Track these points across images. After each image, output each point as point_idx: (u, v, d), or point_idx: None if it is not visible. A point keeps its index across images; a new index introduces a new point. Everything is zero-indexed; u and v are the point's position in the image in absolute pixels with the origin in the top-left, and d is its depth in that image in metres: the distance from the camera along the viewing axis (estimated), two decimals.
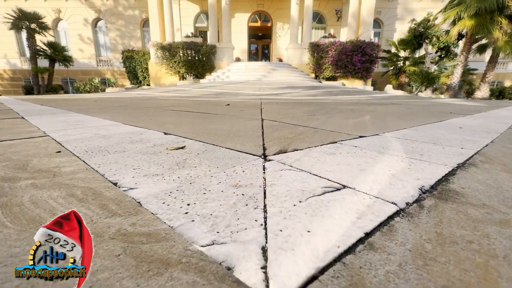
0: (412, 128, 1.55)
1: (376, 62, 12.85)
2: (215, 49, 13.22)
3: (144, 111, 2.02)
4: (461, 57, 12.07)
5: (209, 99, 2.76)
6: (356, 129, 1.51)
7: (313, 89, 7.26)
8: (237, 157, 1.00)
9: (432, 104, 2.65)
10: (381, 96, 6.31)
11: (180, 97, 4.06)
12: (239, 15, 16.45)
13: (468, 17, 10.84)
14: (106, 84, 17.11)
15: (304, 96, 4.80)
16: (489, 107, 2.50)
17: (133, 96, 3.99)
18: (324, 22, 16.82)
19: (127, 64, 14.74)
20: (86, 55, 18.95)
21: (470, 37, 11.54)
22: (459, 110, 1.94)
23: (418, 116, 1.94)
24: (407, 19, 17.00)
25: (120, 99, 2.77)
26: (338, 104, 2.18)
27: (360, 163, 0.94)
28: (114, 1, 18.00)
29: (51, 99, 3.22)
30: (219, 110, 1.85)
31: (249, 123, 1.59)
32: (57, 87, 14.03)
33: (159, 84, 13.92)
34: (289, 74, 11.97)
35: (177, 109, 2.01)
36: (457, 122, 1.69)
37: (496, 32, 10.68)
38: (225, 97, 4.07)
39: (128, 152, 1.07)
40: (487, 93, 12.61)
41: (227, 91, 6.28)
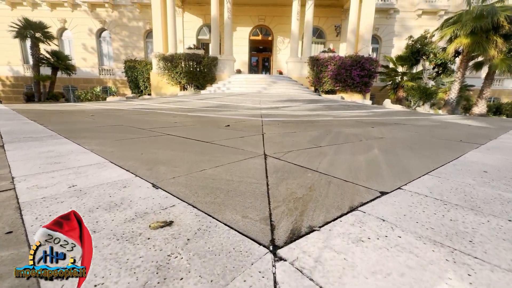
0: (434, 175, 1.30)
1: (374, 77, 13.05)
2: (216, 61, 13.43)
3: (138, 136, 1.77)
4: (458, 74, 12.27)
5: (208, 115, 2.71)
6: (372, 175, 1.26)
7: (313, 103, 7.31)
8: (238, 250, 0.72)
9: (436, 125, 2.58)
10: (381, 111, 6.35)
11: (179, 110, 4.05)
12: (240, 29, 16.84)
13: (464, 35, 11.10)
14: (107, 93, 17.23)
15: (304, 111, 4.81)
16: (496, 128, 2.42)
17: (132, 108, 3.97)
18: (324, 37, 17.21)
19: (129, 74, 14.90)
20: (89, 64, 19.19)
21: (466, 55, 11.77)
22: (467, 136, 1.81)
23: (429, 147, 1.75)
24: (405, 36, 17.44)
25: (118, 113, 2.67)
26: (341, 125, 2.10)
27: (402, 271, 0.67)
28: (119, 12, 18.44)
29: (47, 111, 3.15)
30: (218, 135, 1.64)
31: (251, 162, 1.36)
32: (58, 95, 14.09)
33: (160, 94, 14.02)
34: (289, 87, 12.10)
35: (173, 133, 1.80)
36: (476, 161, 1.44)
37: (492, 50, 10.90)
38: (225, 110, 4.07)
39: (99, 233, 0.80)
40: (485, 109, 12.75)
41: (227, 104, 6.31)
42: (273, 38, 17.14)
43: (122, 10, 18.36)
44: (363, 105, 8.31)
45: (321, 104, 7.11)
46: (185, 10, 17.00)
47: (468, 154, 1.62)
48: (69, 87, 19.26)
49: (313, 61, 12.81)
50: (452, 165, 1.48)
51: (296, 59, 13.73)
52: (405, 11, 17.52)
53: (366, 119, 3.06)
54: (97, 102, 7.83)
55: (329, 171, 1.29)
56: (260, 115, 2.85)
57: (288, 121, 2.22)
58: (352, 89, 12.97)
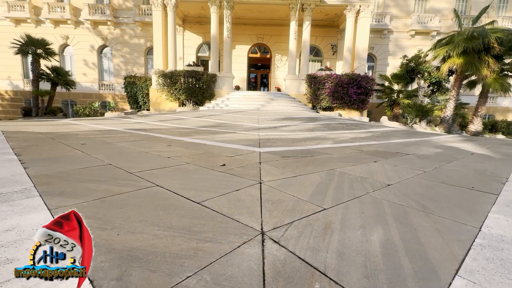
0: (465, 277, 0.99)
1: (371, 95, 13.26)
2: (215, 77, 13.62)
3: (123, 188, 1.37)
4: (452, 92, 12.49)
5: (205, 142, 2.60)
6: (392, 279, 0.95)
7: (311, 122, 7.32)
8: None
9: (438, 155, 2.48)
10: (380, 131, 6.35)
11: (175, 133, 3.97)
12: (239, 47, 17.25)
13: (456, 56, 11.39)
14: (106, 108, 17.27)
15: (303, 132, 4.78)
16: (501, 159, 2.28)
17: (127, 130, 3.88)
18: (321, 55, 17.65)
19: (128, 89, 15.02)
20: (89, 79, 19.38)
21: (460, 74, 12.05)
22: (476, 177, 1.52)
23: (443, 204, 1.45)
24: (399, 55, 17.95)
25: (110, 140, 2.49)
26: (343, 160, 1.95)
27: None
28: (121, 30, 18.89)
29: (39, 135, 2.99)
30: (212, 186, 1.31)
31: (245, 257, 0.89)
32: (56, 110, 14.08)
33: (158, 109, 14.07)
34: (287, 104, 12.22)
35: (163, 183, 1.38)
36: (503, 235, 1.17)
37: (485, 70, 11.16)
38: (222, 133, 4.01)
39: None
40: (480, 127, 12.89)
41: (225, 123, 6.29)
42: (271, 56, 17.54)
43: (124, 28, 18.83)
44: (361, 123, 8.34)
45: (319, 123, 7.12)
46: (185, 29, 17.46)
47: (489, 220, 1.35)
48: (68, 101, 19.33)
49: (311, 79, 13.04)
50: (480, 248, 1.14)
51: (294, 76, 13.97)
52: (399, 31, 18.14)
53: (365, 144, 3.00)
54: (94, 119, 7.79)
55: (339, 272, 0.94)
56: (258, 142, 2.76)
57: (287, 152, 2.10)
58: (349, 106, 13.12)
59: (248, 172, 1.44)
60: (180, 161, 1.67)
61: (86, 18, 18.17)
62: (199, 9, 15.05)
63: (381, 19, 17.73)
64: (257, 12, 15.14)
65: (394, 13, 18.06)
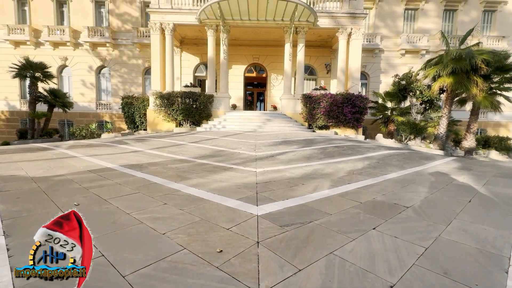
0: None
1: (365, 113, 13.51)
2: (212, 98, 13.81)
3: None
4: (444, 110, 12.79)
5: (201, 195, 2.52)
6: None
7: (308, 146, 7.39)
8: None
9: (443, 202, 2.42)
10: (376, 156, 6.43)
11: (172, 169, 3.97)
12: (236, 66, 17.64)
13: (446, 75, 11.76)
14: (102, 127, 17.27)
15: (300, 164, 4.81)
16: (508, 211, 2.28)
17: (123, 168, 3.85)
18: (315, 74, 18.10)
19: (126, 110, 15.10)
20: (86, 99, 19.50)
21: (450, 93, 12.39)
22: (482, 260, 1.40)
23: None
24: (391, 72, 18.49)
25: (106, 196, 2.35)
26: (342, 226, 1.86)
27: None
28: (119, 51, 19.27)
29: (28, 183, 2.89)
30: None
31: None
32: (52, 132, 14.04)
33: (155, 129, 14.11)
34: (283, 125, 12.36)
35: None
36: None
37: (474, 89, 11.50)
38: (219, 169, 4.02)
39: None
40: (474, 143, 13.12)
41: (222, 150, 6.32)
42: (267, 75, 17.93)
43: (123, 49, 19.22)
44: (357, 145, 8.43)
45: (316, 147, 7.19)
46: (183, 50, 17.88)
47: None
48: (65, 121, 19.30)
49: (306, 98, 13.28)
50: None
51: (290, 96, 14.23)
52: (389, 50, 18.79)
53: (363, 187, 3.02)
54: (90, 146, 7.78)
55: None
56: (255, 191, 2.74)
57: (286, 215, 2.02)
58: (344, 125, 13.31)
59: (245, 269, 1.34)
60: (175, 244, 1.56)
61: (86, 40, 18.55)
62: (196, 31, 15.50)
63: (372, 39, 18.40)
64: (253, 34, 15.63)
65: (384, 33, 18.78)
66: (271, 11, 12.91)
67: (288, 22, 13.58)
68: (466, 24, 18.94)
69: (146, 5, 18.37)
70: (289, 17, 13.27)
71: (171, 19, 13.96)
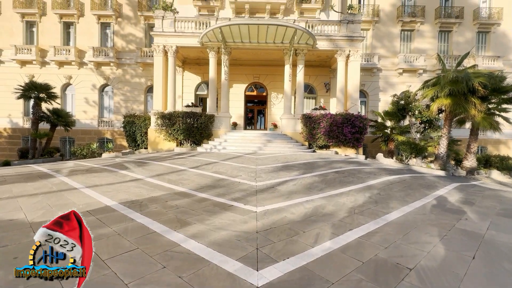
0: None
1: (365, 133, 13.57)
2: (213, 118, 13.96)
3: None
4: (444, 130, 12.85)
5: (199, 253, 2.41)
6: None
7: (309, 172, 7.38)
8: None
9: (464, 247, 2.29)
10: (378, 185, 6.40)
11: (172, 207, 3.94)
12: (237, 85, 17.96)
13: (444, 97, 11.89)
14: (103, 146, 17.34)
15: (301, 199, 4.78)
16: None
17: (120, 208, 3.82)
18: (315, 93, 18.38)
19: (127, 128, 15.21)
20: (89, 116, 19.72)
21: (449, 113, 12.49)
22: None
23: None
24: (389, 91, 18.78)
25: (101, 262, 2.21)
26: None
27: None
28: (123, 70, 19.71)
29: (18, 215, 2.79)
30: None
31: None
32: (53, 151, 14.09)
33: (156, 149, 14.16)
34: (283, 145, 12.40)
35: None
36: None
37: (472, 110, 11.59)
38: (218, 209, 3.97)
39: None
40: (475, 163, 13.09)
41: (222, 179, 6.31)
42: (267, 94, 18.20)
43: (126, 68, 19.67)
44: (358, 169, 8.41)
45: (317, 173, 7.17)
46: (185, 69, 18.27)
47: None
48: (66, 139, 19.42)
49: (306, 118, 13.41)
50: None
51: (290, 116, 14.38)
52: (387, 69, 19.17)
53: (365, 235, 2.97)
54: (90, 171, 7.79)
55: None
56: (255, 245, 2.69)
57: (286, 282, 1.95)
58: (345, 145, 13.35)
59: None
60: None
61: (90, 59, 19.02)
62: (198, 52, 15.91)
63: (370, 59, 18.83)
64: (253, 55, 16.02)
65: (382, 53, 19.24)
66: (271, 34, 13.31)
67: (288, 44, 13.97)
68: (461, 44, 19.45)
69: (150, 26, 19.01)
70: (288, 40, 13.66)
71: (174, 42, 14.38)
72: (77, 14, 19.44)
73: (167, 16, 14.38)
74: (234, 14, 18.19)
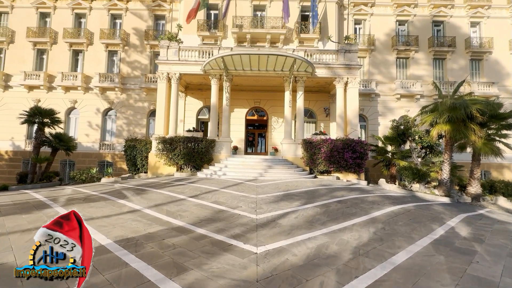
0: None
1: (366, 158, 13.51)
2: (214, 143, 14.02)
3: None
4: (445, 155, 12.78)
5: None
6: None
7: (310, 202, 7.22)
8: None
9: None
10: (382, 218, 6.23)
11: (168, 247, 3.79)
12: (237, 110, 18.27)
13: (443, 123, 11.96)
14: (103, 171, 17.25)
15: (303, 236, 4.61)
16: None
17: (116, 249, 3.69)
18: (315, 117, 18.62)
19: (128, 153, 15.23)
20: (90, 139, 19.87)
21: (449, 139, 12.51)
22: None
23: None
24: (388, 115, 19.03)
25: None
26: None
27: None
28: (127, 95, 20.22)
29: (7, 257, 2.67)
30: None
31: None
32: (52, 175, 13.98)
33: (156, 173, 14.05)
34: (284, 172, 12.30)
35: None
36: None
37: (472, 136, 11.59)
38: (217, 249, 3.81)
39: None
40: (480, 189, 12.86)
41: (222, 211, 6.16)
42: (268, 118, 18.45)
43: (130, 93, 20.19)
44: (360, 198, 8.23)
45: (318, 204, 7.01)
46: (187, 94, 18.73)
47: None
48: (67, 161, 19.39)
49: (307, 144, 13.44)
50: None
51: (290, 141, 14.44)
52: (385, 95, 19.60)
53: (371, 285, 2.82)
54: (87, 200, 7.66)
55: None
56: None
57: None
58: (346, 170, 13.23)
59: None
60: None
61: (96, 85, 19.60)
62: (200, 79, 16.40)
63: (368, 84, 19.33)
64: (254, 81, 16.50)
65: (379, 79, 19.80)
66: (272, 63, 13.81)
67: (288, 72, 14.43)
68: (455, 71, 20.06)
69: (156, 54, 19.84)
70: (288, 67, 14.14)
71: (178, 69, 14.90)
72: (87, 42, 20.39)
73: (172, 45, 15.05)
74: (236, 43, 19.04)
